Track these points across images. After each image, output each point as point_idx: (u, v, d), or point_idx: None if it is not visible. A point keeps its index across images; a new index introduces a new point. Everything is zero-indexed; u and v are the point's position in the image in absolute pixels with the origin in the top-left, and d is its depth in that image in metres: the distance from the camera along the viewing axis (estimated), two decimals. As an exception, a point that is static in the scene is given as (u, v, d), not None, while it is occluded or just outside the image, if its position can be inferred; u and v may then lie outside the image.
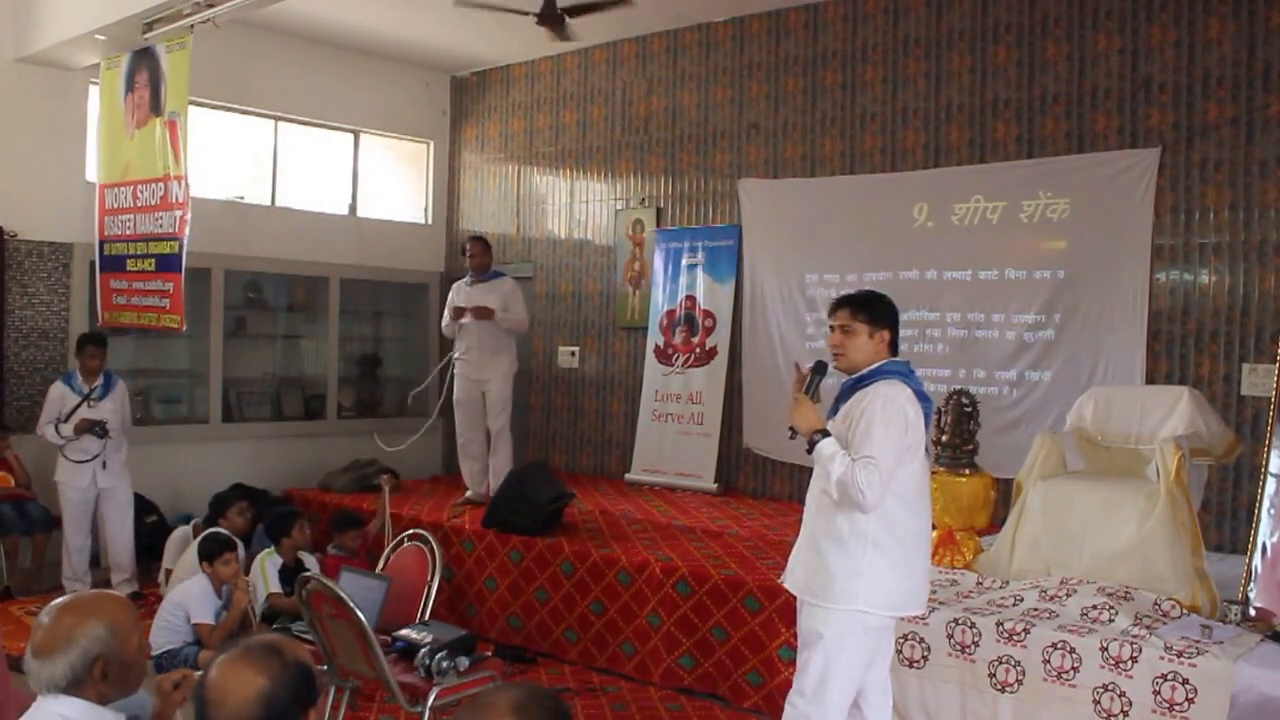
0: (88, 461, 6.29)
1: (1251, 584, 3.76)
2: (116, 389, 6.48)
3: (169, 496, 7.36)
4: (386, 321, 9.47)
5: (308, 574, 4.18)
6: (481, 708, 1.64)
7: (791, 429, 3.39)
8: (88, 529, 6.42)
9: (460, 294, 6.75)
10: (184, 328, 6.48)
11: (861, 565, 3.32)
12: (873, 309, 3.46)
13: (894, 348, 3.48)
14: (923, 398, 3.39)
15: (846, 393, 3.45)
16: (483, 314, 6.53)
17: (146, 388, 7.89)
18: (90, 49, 6.74)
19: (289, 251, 8.26)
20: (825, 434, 3.30)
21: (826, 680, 3.33)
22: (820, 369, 3.48)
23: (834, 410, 3.46)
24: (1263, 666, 3.34)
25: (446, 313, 6.83)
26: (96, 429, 6.23)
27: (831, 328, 3.50)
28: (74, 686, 2.12)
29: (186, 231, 6.24)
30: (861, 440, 3.25)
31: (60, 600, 2.24)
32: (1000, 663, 3.71)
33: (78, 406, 6.30)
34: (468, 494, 6.81)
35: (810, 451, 3.31)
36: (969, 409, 4.63)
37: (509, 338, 6.72)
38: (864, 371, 3.43)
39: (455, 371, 6.79)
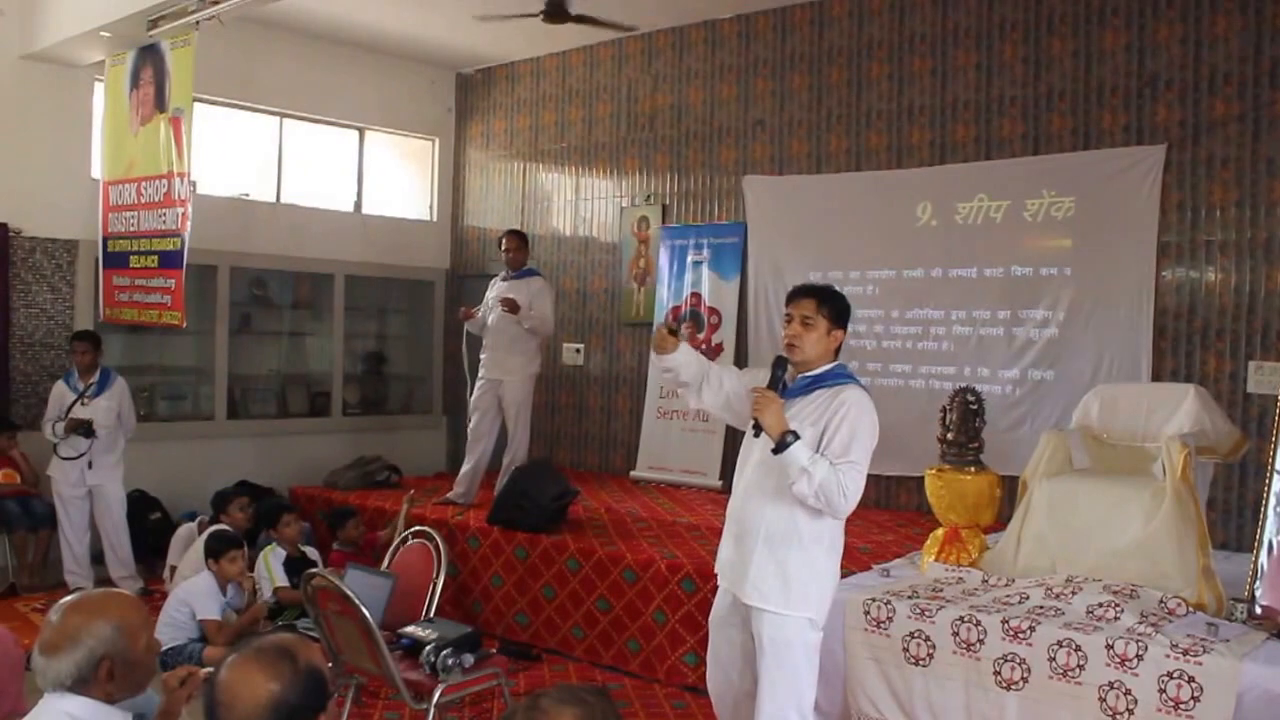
0: (75, 459, 6.30)
1: (1258, 582, 3.74)
2: (113, 387, 6.47)
3: (173, 493, 7.36)
4: (391, 318, 9.48)
5: (313, 569, 4.19)
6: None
7: (757, 425, 3.31)
8: (84, 524, 6.43)
9: (493, 289, 6.71)
10: (184, 324, 6.48)
11: (816, 569, 3.32)
12: (836, 306, 3.39)
13: (838, 351, 3.43)
14: None
15: (800, 391, 3.37)
16: (508, 305, 6.45)
17: (152, 384, 7.90)
18: (95, 46, 6.74)
19: (294, 248, 8.27)
20: (796, 435, 3.21)
21: (801, 694, 3.31)
22: (781, 364, 3.40)
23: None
24: (1269, 664, 3.33)
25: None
26: (81, 429, 6.23)
27: (789, 316, 3.40)
28: (80, 685, 2.11)
29: (188, 228, 6.24)
30: (845, 445, 3.22)
31: (70, 598, 2.23)
32: (1005, 660, 3.70)
33: (73, 404, 6.32)
34: (448, 494, 6.75)
35: (778, 451, 3.22)
36: (974, 407, 4.62)
37: (530, 339, 6.63)
38: (820, 371, 3.38)
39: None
